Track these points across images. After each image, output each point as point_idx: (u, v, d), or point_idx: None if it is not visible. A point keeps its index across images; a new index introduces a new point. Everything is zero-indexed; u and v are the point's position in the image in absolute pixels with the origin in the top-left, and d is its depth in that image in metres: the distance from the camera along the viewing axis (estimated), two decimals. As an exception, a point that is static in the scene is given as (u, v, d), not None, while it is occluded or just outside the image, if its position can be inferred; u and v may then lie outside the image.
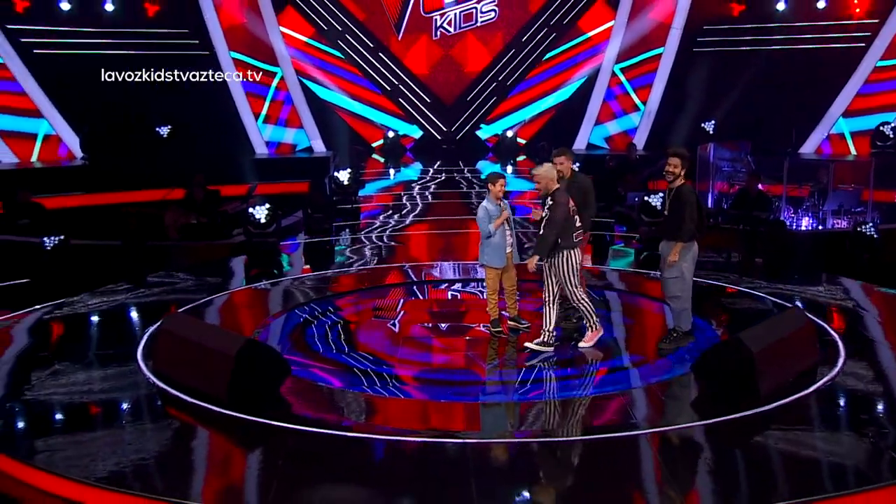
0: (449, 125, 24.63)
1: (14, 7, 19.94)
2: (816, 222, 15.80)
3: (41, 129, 20.33)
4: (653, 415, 8.31)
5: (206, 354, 8.31)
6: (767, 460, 7.21)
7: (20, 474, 7.12)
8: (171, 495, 6.54)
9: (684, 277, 9.23)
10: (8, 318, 11.25)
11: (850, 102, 20.69)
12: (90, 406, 8.45)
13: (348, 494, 6.78)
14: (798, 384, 8.31)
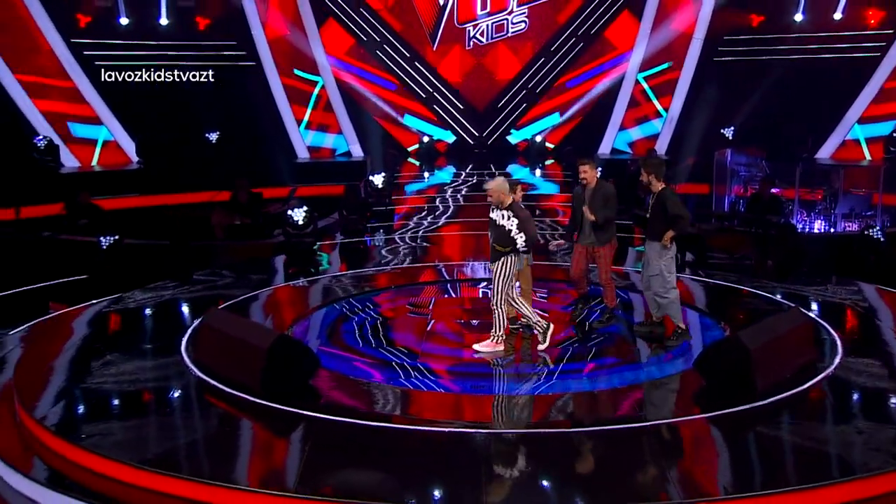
0: (481, 130, 24.75)
1: (78, 23, 20.37)
2: (828, 225, 15.76)
3: (101, 135, 20.60)
4: (658, 408, 8.40)
5: (242, 348, 8.46)
6: (766, 450, 7.26)
7: (75, 457, 7.27)
8: (208, 477, 6.70)
9: (663, 275, 9.40)
10: (67, 312, 11.50)
11: (865, 109, 20.56)
12: (138, 394, 8.61)
13: (369, 479, 6.88)
14: (795, 380, 8.29)
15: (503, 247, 9.04)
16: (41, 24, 19.82)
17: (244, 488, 6.61)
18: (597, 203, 9.66)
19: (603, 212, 9.69)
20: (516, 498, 6.46)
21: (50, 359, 9.72)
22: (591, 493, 6.60)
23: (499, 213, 9.08)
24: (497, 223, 9.07)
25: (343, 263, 14.69)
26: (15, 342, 10.40)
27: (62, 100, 20.12)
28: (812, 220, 15.89)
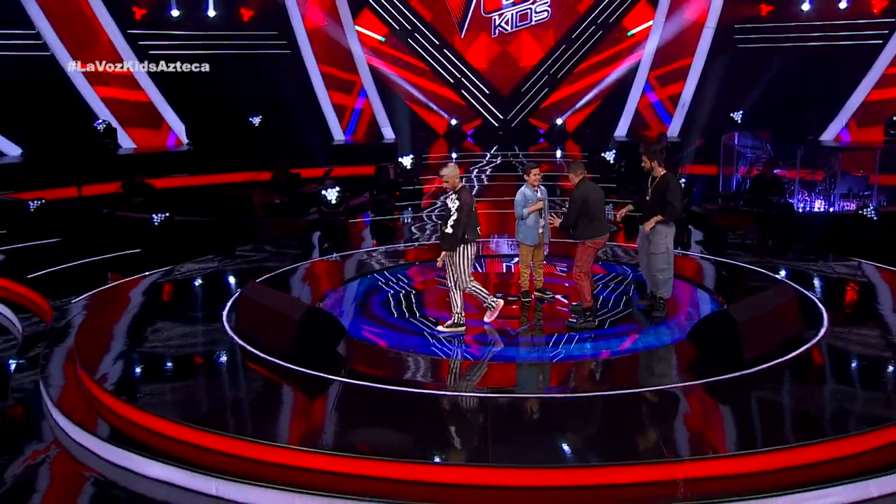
0: (505, 113, 24.75)
1: (133, 15, 20.55)
2: (828, 205, 15.65)
3: (154, 120, 20.74)
4: (655, 375, 8.48)
5: (276, 318, 8.68)
6: (755, 412, 7.43)
7: (131, 415, 7.55)
8: (247, 434, 6.97)
9: (669, 252, 9.49)
10: (124, 282, 11.75)
11: (868, 94, 20.34)
12: (185, 358, 8.85)
13: (389, 438, 7.13)
14: (782, 350, 8.38)
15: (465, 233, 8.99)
16: (100, 17, 20.06)
17: (278, 444, 6.83)
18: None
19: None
20: (521, 452, 6.62)
21: (108, 325, 9.98)
22: (597, 451, 6.80)
23: (452, 197, 9.03)
24: (445, 206, 9.07)
25: (374, 240, 14.77)
26: (78, 310, 10.63)
27: (119, 86, 20.33)
28: (812, 199, 15.78)
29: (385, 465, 6.57)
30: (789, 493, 6.25)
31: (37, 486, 7.03)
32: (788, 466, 6.56)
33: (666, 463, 6.48)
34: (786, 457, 6.60)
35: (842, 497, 6.29)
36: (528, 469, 6.44)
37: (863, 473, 6.47)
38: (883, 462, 6.62)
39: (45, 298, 11.13)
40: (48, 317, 10.66)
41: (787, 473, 6.49)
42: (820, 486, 6.32)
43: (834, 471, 6.51)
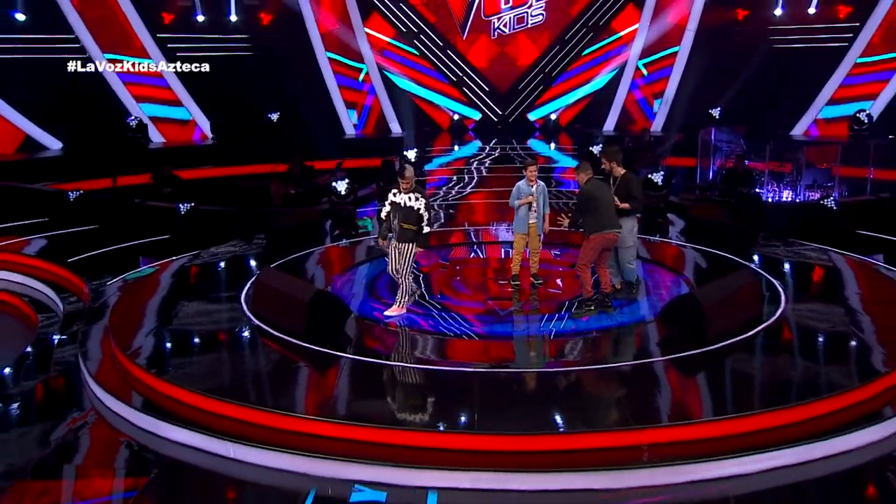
0: (503, 109, 24.77)
1: (163, 20, 20.68)
2: (795, 195, 15.63)
3: (181, 116, 20.81)
4: (628, 351, 8.65)
5: (288, 300, 8.81)
6: (716, 385, 7.61)
7: (161, 387, 7.70)
8: (259, 403, 7.12)
9: (636, 245, 9.63)
10: (154, 266, 11.82)
11: (834, 92, 20.34)
12: (208, 336, 9.00)
13: (388, 409, 7.31)
14: (743, 328, 8.49)
15: (412, 225, 8.94)
16: (133, 22, 20.18)
17: (289, 413, 6.98)
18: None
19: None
20: (505, 420, 6.77)
21: (139, 305, 10.07)
22: (572, 420, 6.90)
23: (404, 197, 8.92)
24: (404, 205, 8.92)
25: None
26: (112, 291, 10.76)
27: (150, 86, 20.39)
28: (781, 190, 15.75)
29: (385, 432, 6.71)
30: (742, 455, 6.40)
31: (78, 448, 7.22)
32: (742, 432, 6.69)
33: (632, 430, 6.63)
34: (740, 424, 6.74)
35: (787, 459, 6.44)
36: (511, 436, 6.59)
37: (807, 438, 6.60)
38: (826, 427, 6.76)
39: (84, 280, 11.25)
40: (86, 297, 10.78)
41: (742, 438, 6.63)
42: (769, 450, 6.45)
43: (782, 436, 6.63)
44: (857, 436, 6.75)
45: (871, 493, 6.34)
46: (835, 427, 6.78)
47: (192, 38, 21.12)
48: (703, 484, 6.26)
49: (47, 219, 14.58)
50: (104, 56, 19.73)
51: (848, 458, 6.60)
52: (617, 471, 6.33)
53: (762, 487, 6.24)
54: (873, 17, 19.84)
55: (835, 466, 6.52)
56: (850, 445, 6.68)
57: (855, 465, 6.56)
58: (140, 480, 6.53)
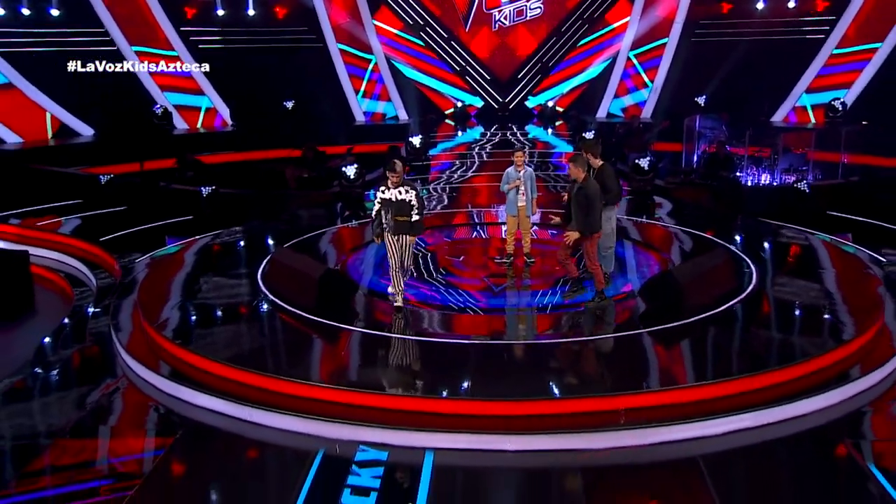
0: (504, 97, 24.69)
1: (185, 14, 20.64)
2: (773, 178, 15.62)
3: (203, 104, 20.81)
4: (609, 324, 8.62)
5: (300, 277, 8.92)
6: (690, 355, 7.70)
7: (185, 357, 7.80)
8: (275, 372, 7.21)
9: (613, 232, 9.43)
10: (178, 245, 11.87)
11: (812, 81, 20.25)
12: (228, 310, 9.05)
13: (391, 377, 7.44)
14: (717, 302, 8.55)
15: (408, 216, 8.47)
16: (157, 16, 20.17)
17: (301, 381, 7.07)
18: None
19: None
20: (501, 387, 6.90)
21: (165, 281, 10.13)
22: (565, 387, 7.02)
23: (394, 192, 8.42)
24: (395, 199, 8.41)
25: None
26: (141, 267, 10.83)
27: (174, 76, 20.37)
28: (759, 173, 15.76)
29: (388, 398, 6.85)
30: (711, 418, 6.55)
31: (111, 411, 7.39)
32: (710, 398, 6.80)
33: (610, 396, 6.78)
34: (708, 390, 6.87)
35: (747, 423, 6.58)
36: (502, 401, 6.72)
37: (770, 402, 6.73)
38: (788, 392, 6.89)
39: (114, 257, 11.33)
40: (117, 273, 10.88)
41: (708, 404, 6.74)
42: (731, 414, 6.58)
43: (744, 401, 6.75)
44: (811, 401, 6.87)
45: (821, 452, 6.49)
46: (791, 393, 6.90)
47: (212, 31, 21.07)
48: (673, 445, 6.41)
49: (81, 200, 14.63)
50: (132, 48, 19.74)
51: (802, 421, 6.73)
52: (597, 433, 6.46)
53: (724, 448, 6.40)
54: (848, 11, 19.74)
55: (791, 429, 6.65)
56: (804, 410, 6.80)
57: (809, 427, 6.69)
58: (167, 440, 6.67)
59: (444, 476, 6.05)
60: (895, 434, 6.77)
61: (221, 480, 6.25)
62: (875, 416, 7.01)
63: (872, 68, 19.41)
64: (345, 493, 5.78)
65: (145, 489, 5.94)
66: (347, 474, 6.03)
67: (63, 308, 10.31)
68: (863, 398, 7.13)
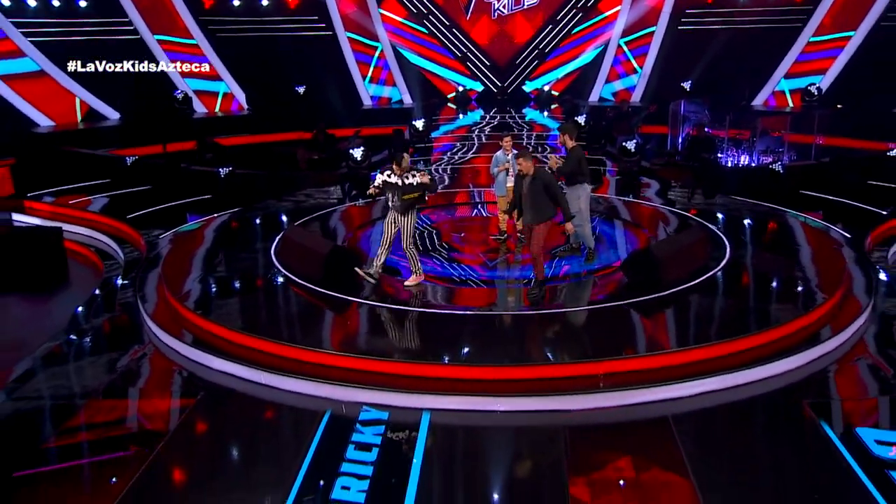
0: (502, 81, 24.54)
1: (203, 5, 20.52)
2: (751, 160, 15.61)
3: (221, 89, 20.68)
4: (591, 296, 8.72)
5: (309, 253, 8.98)
6: (665, 324, 7.79)
7: (205, 326, 7.93)
8: (289, 340, 7.31)
9: (582, 211, 9.33)
10: (199, 222, 11.96)
11: (790, 67, 20.08)
12: (245, 282, 9.14)
13: (392, 344, 7.60)
14: (692, 276, 8.69)
15: (412, 195, 8.51)
16: (178, 7, 20.07)
17: (310, 347, 7.19)
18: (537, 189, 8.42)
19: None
20: (492, 354, 7.03)
21: (188, 255, 10.24)
22: (550, 353, 7.15)
23: (396, 178, 8.48)
24: (401, 184, 8.46)
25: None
26: (164, 243, 10.92)
27: (193, 63, 20.18)
28: (738, 155, 15.74)
29: (388, 363, 6.96)
30: (681, 381, 6.72)
31: (139, 374, 7.50)
32: (681, 363, 6.96)
33: (591, 362, 6.91)
34: (680, 356, 7.02)
35: (716, 385, 6.76)
36: (492, 367, 6.85)
37: (735, 367, 6.90)
38: (750, 358, 7.05)
39: (140, 233, 11.40)
40: (142, 248, 10.96)
41: (680, 368, 6.90)
42: (700, 377, 6.74)
43: (714, 365, 6.93)
44: (773, 366, 7.03)
45: (779, 412, 6.65)
46: (754, 358, 7.05)
47: (229, 20, 20.92)
48: (646, 405, 6.58)
49: (108, 180, 14.62)
50: (154, 37, 19.67)
51: (764, 384, 6.89)
52: (578, 395, 6.61)
53: (692, 408, 6.57)
54: (825, 1, 19.55)
55: (753, 391, 6.82)
56: (766, 374, 6.97)
57: (770, 389, 6.85)
58: (190, 401, 6.83)
59: (439, 434, 6.20)
60: (848, 394, 6.92)
61: (239, 437, 6.39)
62: (830, 379, 7.15)
63: (846, 55, 19.27)
64: (349, 449, 5.93)
65: (171, 445, 6.12)
66: (352, 432, 6.17)
67: (94, 280, 10.40)
68: (822, 362, 7.29)
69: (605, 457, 5.87)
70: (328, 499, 5.37)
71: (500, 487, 5.66)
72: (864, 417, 6.39)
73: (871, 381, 7.19)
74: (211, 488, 5.62)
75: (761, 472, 5.72)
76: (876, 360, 7.45)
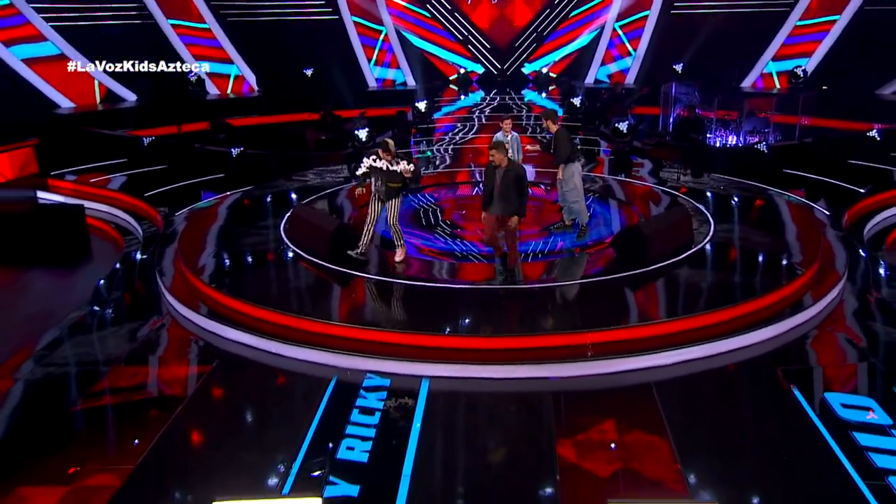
0: (502, 63, 24.34)
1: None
2: (738, 140, 15.48)
3: (232, 71, 20.50)
4: (582, 270, 8.72)
5: (316, 230, 9.03)
6: (651, 297, 7.86)
7: (219, 298, 8.00)
8: (297, 312, 7.41)
9: (578, 187, 9.37)
10: (212, 200, 11.92)
11: (777, 50, 19.87)
12: (256, 258, 9.14)
13: (393, 316, 7.70)
14: (677, 252, 8.74)
15: (396, 183, 8.45)
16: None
17: (317, 319, 7.29)
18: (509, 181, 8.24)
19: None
20: (487, 325, 7.17)
21: (203, 231, 10.25)
22: (541, 325, 7.24)
23: (384, 163, 8.40)
24: (386, 169, 8.39)
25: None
26: (180, 220, 10.97)
27: (206, 46, 20.12)
28: (726, 135, 15.59)
29: (390, 334, 7.09)
30: (663, 350, 6.86)
31: (158, 343, 7.63)
32: (665, 333, 7.08)
33: (580, 332, 7.03)
34: (664, 327, 7.12)
35: (697, 353, 6.89)
36: (487, 337, 6.96)
37: (714, 337, 7.02)
38: (730, 329, 7.17)
39: (157, 210, 11.43)
40: (160, 224, 11.01)
41: (664, 339, 7.03)
42: (681, 347, 6.87)
43: (694, 336, 7.04)
44: (751, 335, 7.15)
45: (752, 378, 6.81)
46: (735, 329, 7.16)
47: (240, 4, 20.71)
48: (631, 373, 6.73)
49: (126, 159, 14.58)
50: (168, 21, 19.54)
51: (742, 353, 7.04)
52: (567, 363, 6.74)
53: (673, 375, 6.71)
54: (812, -15, 19.37)
55: (731, 359, 6.96)
56: (745, 343, 7.10)
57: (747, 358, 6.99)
58: (205, 368, 6.97)
59: (436, 399, 6.34)
60: (819, 362, 7.05)
61: (252, 401, 6.53)
62: (804, 348, 7.28)
63: (831, 38, 19.09)
64: (354, 413, 6.09)
65: (188, 408, 6.27)
66: (356, 397, 6.33)
67: (115, 255, 10.47)
68: (796, 332, 7.42)
69: (591, 420, 6.01)
70: (334, 458, 5.53)
71: (493, 448, 5.81)
72: (833, 383, 6.52)
73: (843, 349, 7.30)
74: (226, 448, 5.77)
75: (735, 434, 5.88)
76: (848, 330, 7.56)
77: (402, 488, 5.20)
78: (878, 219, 10.95)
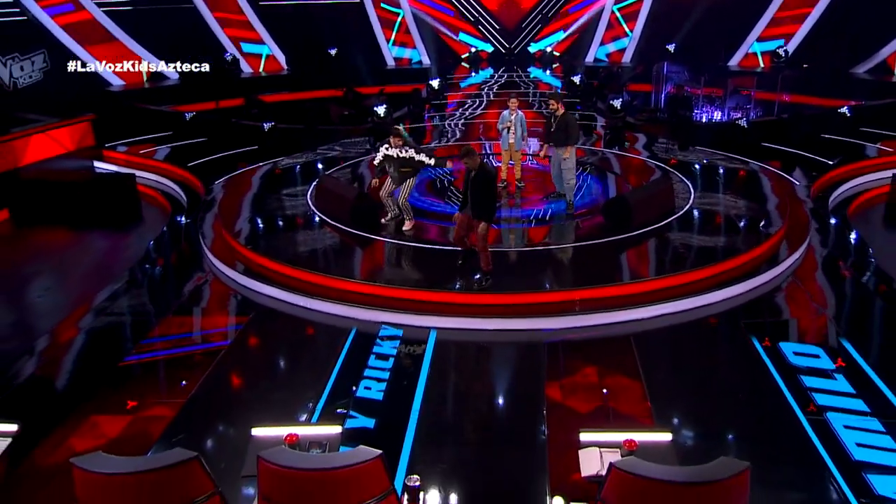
0: (510, 43, 23.95)
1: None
2: (723, 116, 15.23)
3: (264, 51, 20.23)
4: (574, 236, 8.81)
5: (339, 198, 9.14)
6: (636, 258, 7.97)
7: (254, 258, 8.16)
8: (323, 271, 7.58)
9: (573, 168, 9.35)
10: (247, 170, 11.92)
11: (762, 31, 19.37)
12: (287, 221, 9.26)
13: (407, 275, 7.86)
14: (660, 218, 8.82)
15: (407, 169, 8.51)
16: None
17: (340, 277, 7.47)
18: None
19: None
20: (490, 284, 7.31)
21: (239, 198, 10.36)
22: (536, 284, 7.35)
23: (395, 151, 8.43)
24: (397, 156, 8.45)
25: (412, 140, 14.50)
26: (219, 188, 11.06)
27: (240, 28, 19.91)
28: (712, 111, 15.36)
29: (404, 291, 7.23)
30: (642, 306, 7.02)
31: (202, 297, 7.87)
32: (644, 291, 7.23)
33: (568, 290, 7.22)
34: (644, 286, 7.27)
35: (671, 308, 7.06)
36: (487, 294, 7.13)
37: (687, 294, 7.19)
38: (704, 287, 7.32)
39: (199, 179, 11.52)
40: (201, 192, 11.11)
41: (643, 296, 7.18)
42: (659, 302, 7.07)
43: (670, 293, 7.21)
44: (720, 293, 7.31)
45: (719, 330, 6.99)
46: (706, 287, 7.32)
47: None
48: (612, 325, 6.93)
49: (171, 133, 14.56)
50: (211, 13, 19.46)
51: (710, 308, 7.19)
52: (556, 317, 6.94)
53: (650, 328, 6.92)
54: (796, -30, 18.73)
55: (701, 314, 7.13)
56: (714, 300, 7.26)
57: (714, 312, 7.15)
58: (243, 319, 7.21)
59: (443, 347, 6.57)
60: (776, 316, 7.22)
61: (283, 348, 6.77)
62: (765, 303, 7.41)
63: (811, 21, 18.59)
64: (371, 358, 6.34)
65: (230, 353, 6.54)
66: (373, 345, 6.55)
67: (162, 219, 10.63)
68: (761, 290, 7.56)
69: (575, 366, 6.23)
70: (354, 396, 5.83)
71: (490, 389, 6.08)
72: (786, 334, 6.69)
73: (803, 304, 7.44)
74: (262, 387, 6.06)
75: (699, 378, 6.12)
76: (809, 287, 7.70)
77: (411, 421, 5.48)
78: (844, 188, 10.94)
